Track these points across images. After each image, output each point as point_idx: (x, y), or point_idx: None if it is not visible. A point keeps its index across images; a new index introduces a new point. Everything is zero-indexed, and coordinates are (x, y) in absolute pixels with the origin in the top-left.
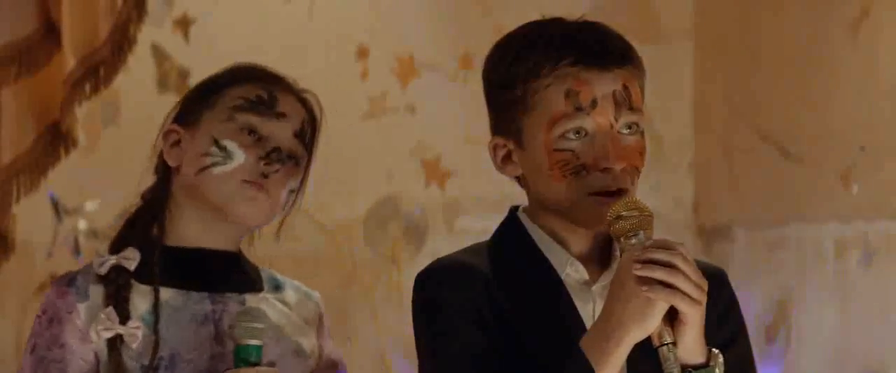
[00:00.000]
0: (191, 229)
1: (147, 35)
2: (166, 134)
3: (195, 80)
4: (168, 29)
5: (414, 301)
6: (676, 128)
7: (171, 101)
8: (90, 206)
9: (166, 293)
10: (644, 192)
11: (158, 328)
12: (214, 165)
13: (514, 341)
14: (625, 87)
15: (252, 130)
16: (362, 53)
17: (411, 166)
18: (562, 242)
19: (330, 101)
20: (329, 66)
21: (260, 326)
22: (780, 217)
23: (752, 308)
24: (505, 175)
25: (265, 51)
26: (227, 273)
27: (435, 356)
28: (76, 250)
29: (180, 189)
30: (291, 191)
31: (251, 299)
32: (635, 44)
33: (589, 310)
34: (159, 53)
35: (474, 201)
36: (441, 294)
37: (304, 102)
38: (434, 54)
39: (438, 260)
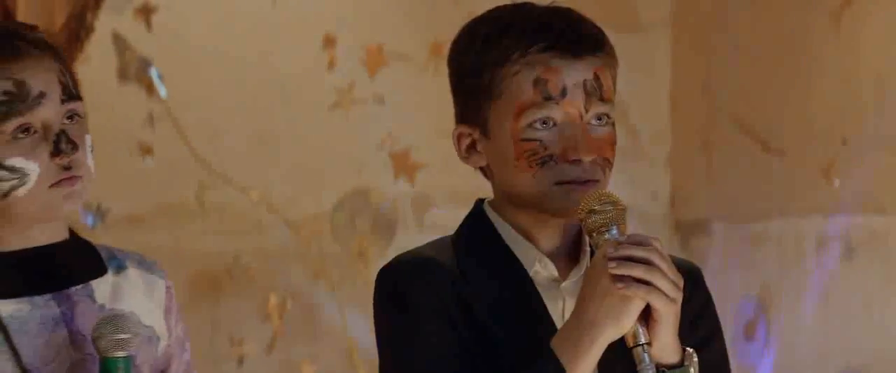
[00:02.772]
0: (17, 233)
1: (107, 23)
2: None
3: (158, 69)
4: (129, 17)
5: (377, 297)
6: (653, 120)
7: (132, 91)
8: None
9: (7, 306)
10: (620, 185)
11: (13, 346)
12: (14, 188)
13: (481, 340)
14: (596, 77)
15: (25, 128)
16: (329, 42)
17: (380, 159)
18: (530, 238)
19: (296, 91)
20: (295, 55)
21: (126, 336)
22: (760, 212)
23: (731, 304)
24: (469, 165)
25: (229, 40)
26: (65, 265)
27: (400, 355)
28: None
29: None
30: (92, 148)
31: (97, 286)
32: (611, 33)
33: (558, 308)
34: (120, 42)
35: (445, 195)
36: (407, 289)
37: (42, 47)
38: (403, 43)
39: (402, 255)
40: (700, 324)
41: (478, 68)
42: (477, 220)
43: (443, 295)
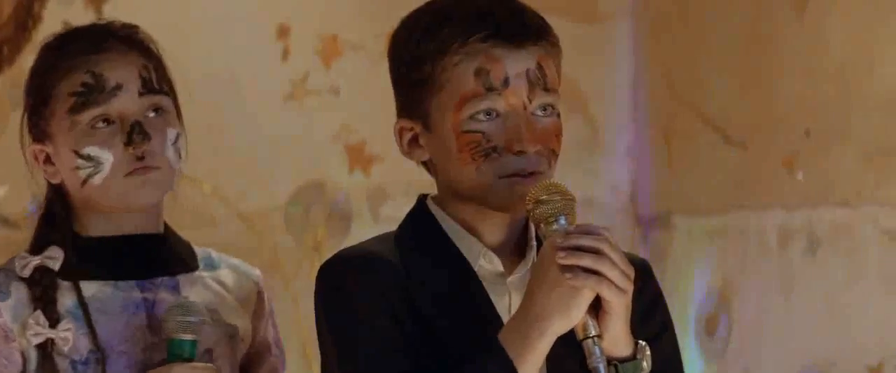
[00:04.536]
0: (106, 221)
1: (58, 13)
2: (34, 156)
3: None
4: (80, 6)
5: (319, 293)
6: (613, 111)
7: None
8: None
9: (92, 287)
10: (579, 178)
11: (90, 322)
12: (90, 176)
13: (426, 336)
14: (539, 66)
15: (103, 119)
16: (283, 32)
17: (335, 151)
18: (474, 233)
19: (249, 82)
20: (248, 45)
21: (193, 319)
22: (722, 205)
23: (692, 299)
24: (412, 160)
25: (181, 29)
26: (153, 256)
27: (343, 352)
28: None
29: (76, 197)
30: (174, 141)
31: (184, 280)
32: (570, 23)
33: (505, 303)
34: None
35: (400, 188)
36: (350, 285)
37: (130, 43)
38: (359, 33)
39: (344, 250)
40: (652, 318)
41: (418, 60)
42: (419, 215)
43: (387, 290)
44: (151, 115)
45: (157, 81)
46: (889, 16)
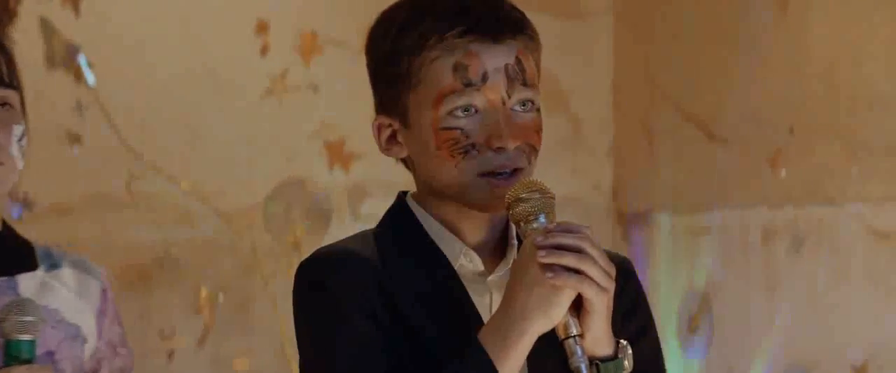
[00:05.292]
0: None
1: (35, 9)
2: None
3: (86, 55)
4: (57, 2)
5: (296, 292)
6: (595, 108)
7: (60, 78)
8: None
9: None
10: (561, 176)
11: None
12: None
13: (406, 334)
14: (518, 61)
15: None
16: (262, 28)
17: (314, 149)
18: (455, 231)
19: (228, 79)
20: (227, 41)
21: (31, 319)
22: (705, 202)
23: (675, 297)
24: (390, 157)
25: (160, 26)
26: None
27: (320, 351)
28: None
29: None
30: (20, 138)
31: (24, 280)
32: (552, 20)
33: (485, 302)
34: (48, 28)
35: (381, 185)
36: (327, 283)
37: None
38: (338, 30)
39: (322, 248)
40: (633, 317)
41: (395, 55)
42: (399, 213)
43: (365, 289)
44: None
45: (7, 75)
46: (872, 12)
